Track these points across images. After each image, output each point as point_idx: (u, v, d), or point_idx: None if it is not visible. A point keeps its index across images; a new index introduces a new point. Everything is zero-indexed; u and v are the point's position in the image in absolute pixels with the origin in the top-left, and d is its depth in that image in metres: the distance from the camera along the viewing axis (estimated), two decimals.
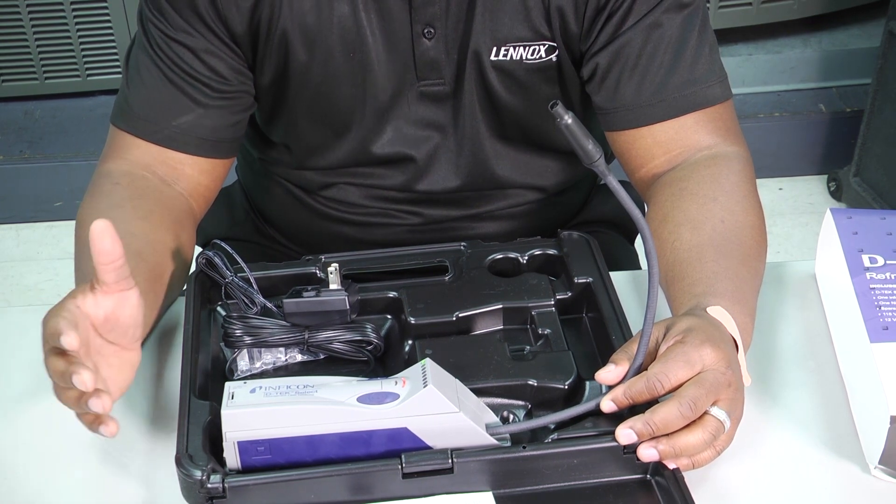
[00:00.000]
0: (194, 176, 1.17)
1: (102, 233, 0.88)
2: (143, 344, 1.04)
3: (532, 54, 1.16)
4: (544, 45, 1.16)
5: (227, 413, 0.89)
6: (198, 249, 1.17)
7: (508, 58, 1.16)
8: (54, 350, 0.88)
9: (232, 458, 0.90)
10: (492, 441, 0.91)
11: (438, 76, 1.17)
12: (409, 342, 1.05)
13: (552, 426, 0.94)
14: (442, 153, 1.23)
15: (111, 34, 2.72)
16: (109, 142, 1.18)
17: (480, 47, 1.15)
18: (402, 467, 0.89)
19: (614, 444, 0.90)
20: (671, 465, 0.90)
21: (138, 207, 1.10)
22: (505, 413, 0.97)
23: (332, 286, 1.05)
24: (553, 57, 1.17)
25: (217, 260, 1.07)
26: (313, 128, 1.22)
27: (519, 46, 1.15)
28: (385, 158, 1.23)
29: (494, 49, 1.15)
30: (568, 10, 1.14)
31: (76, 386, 0.85)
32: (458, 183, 1.25)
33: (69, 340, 0.85)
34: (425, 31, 1.14)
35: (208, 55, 1.14)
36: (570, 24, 1.14)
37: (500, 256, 1.13)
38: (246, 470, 0.91)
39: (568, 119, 0.87)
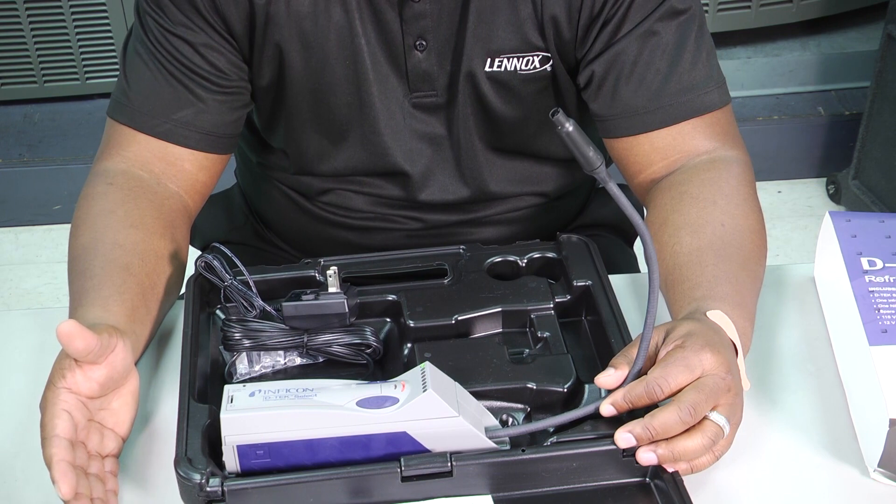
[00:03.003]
0: (192, 172, 1.17)
1: (70, 336, 0.89)
2: (139, 358, 1.05)
3: (526, 65, 1.16)
4: (538, 55, 1.16)
5: (226, 417, 0.89)
6: (197, 253, 1.17)
7: (502, 69, 1.16)
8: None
9: (231, 461, 0.90)
10: (491, 445, 0.91)
11: (431, 88, 1.17)
12: (409, 345, 1.05)
13: (551, 429, 0.94)
14: (437, 166, 1.23)
15: (110, 37, 2.72)
16: (107, 137, 1.18)
17: (473, 59, 1.15)
18: (401, 471, 0.89)
19: (613, 447, 0.90)
20: (670, 469, 0.90)
21: (130, 213, 1.10)
22: (504, 416, 0.97)
23: (331, 289, 1.05)
24: (547, 67, 1.17)
25: (216, 263, 1.07)
26: (311, 135, 1.22)
27: (513, 58, 1.15)
28: (382, 170, 1.23)
29: (488, 61, 1.15)
30: (562, 19, 1.13)
31: None
32: (457, 195, 1.25)
33: (63, 494, 0.86)
34: (417, 43, 1.14)
35: (207, 50, 1.13)
36: (564, 33, 1.14)
37: (499, 260, 1.13)
38: (245, 473, 0.90)
39: (569, 127, 0.87)
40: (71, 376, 0.92)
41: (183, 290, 1.11)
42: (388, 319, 1.10)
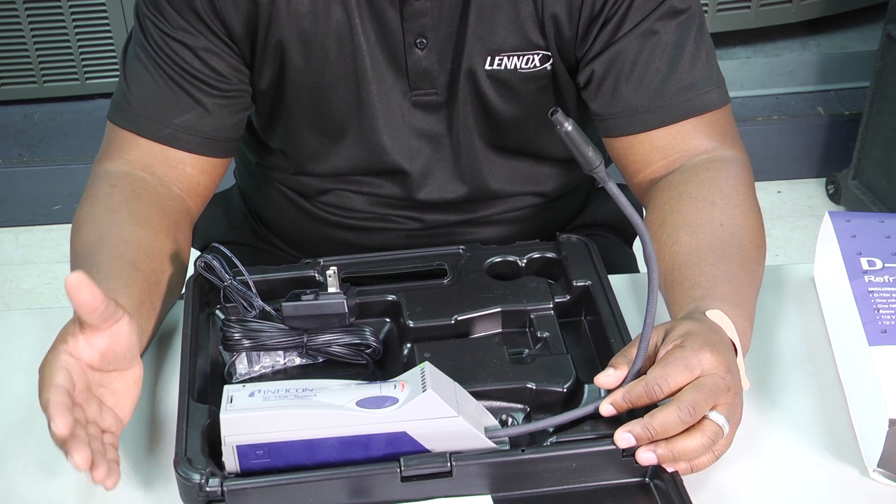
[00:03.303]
0: (194, 175, 1.17)
1: (77, 287, 0.88)
2: (143, 353, 1.04)
3: (526, 63, 1.16)
4: (538, 54, 1.16)
5: (225, 417, 0.89)
6: (196, 253, 1.17)
7: (503, 67, 1.16)
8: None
9: (231, 461, 0.90)
10: (491, 445, 0.91)
11: (431, 86, 1.18)
12: (408, 345, 1.05)
13: (551, 429, 0.94)
14: (436, 164, 1.23)
15: (110, 37, 2.72)
16: (107, 140, 1.18)
17: (474, 58, 1.15)
18: (400, 471, 0.89)
19: (613, 447, 0.90)
20: (670, 469, 0.90)
21: (135, 212, 1.10)
22: (504, 416, 0.97)
23: (331, 290, 1.05)
24: (547, 66, 1.17)
25: (216, 263, 1.07)
26: (310, 134, 1.22)
27: (513, 56, 1.15)
28: (381, 169, 1.23)
29: (488, 59, 1.15)
30: (562, 18, 1.14)
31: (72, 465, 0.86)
32: (456, 194, 1.25)
33: (58, 428, 0.85)
34: (417, 41, 1.14)
35: (208, 54, 1.13)
36: (564, 32, 1.14)
37: (499, 260, 1.13)
38: (245, 473, 0.90)
39: (568, 126, 0.87)
40: (73, 341, 0.91)
41: (183, 291, 1.11)
42: (388, 319, 1.10)
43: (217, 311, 1.09)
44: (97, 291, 0.89)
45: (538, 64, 1.17)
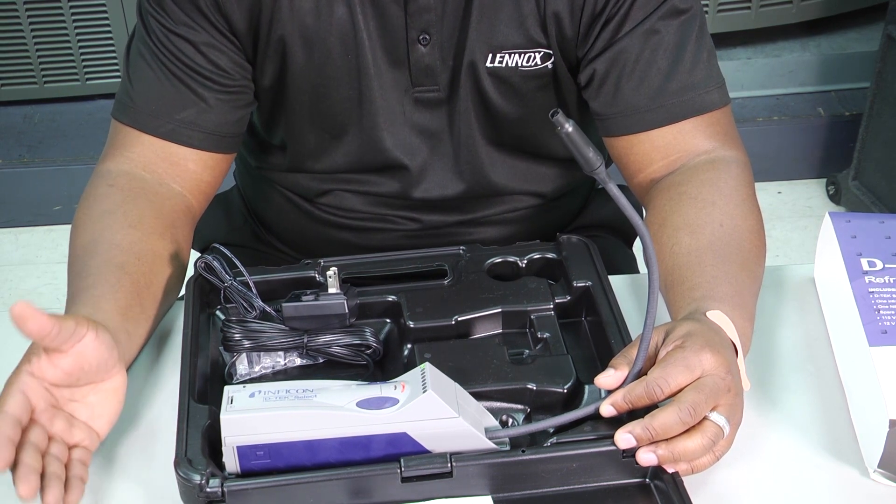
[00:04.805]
0: (197, 172, 1.17)
1: (22, 317, 0.86)
2: (137, 357, 1.04)
3: (527, 61, 1.16)
4: (539, 52, 1.16)
5: (226, 418, 0.89)
6: (197, 254, 1.17)
7: (504, 65, 1.16)
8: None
9: (231, 462, 0.90)
10: (491, 445, 0.91)
11: (433, 83, 1.18)
12: (409, 346, 1.05)
13: (551, 430, 0.94)
14: (437, 161, 1.23)
15: (110, 38, 2.72)
16: (111, 138, 1.18)
17: (476, 54, 1.15)
18: (401, 471, 0.89)
19: (613, 448, 0.90)
20: (670, 470, 0.90)
21: (129, 213, 1.10)
22: (504, 417, 0.97)
23: (331, 290, 1.05)
24: (549, 64, 1.17)
25: (216, 264, 1.07)
26: (311, 130, 1.22)
27: (514, 54, 1.16)
28: (381, 165, 1.23)
29: (490, 56, 1.15)
30: (564, 16, 1.14)
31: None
32: (454, 191, 1.25)
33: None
34: (420, 37, 1.15)
35: (210, 49, 1.14)
36: (566, 30, 1.15)
37: (499, 260, 1.13)
38: (245, 474, 0.91)
39: (568, 127, 0.87)
40: (36, 361, 0.91)
41: (183, 291, 1.11)
42: (388, 320, 1.10)
43: (217, 312, 1.09)
44: (44, 319, 0.87)
45: (539, 62, 1.17)
